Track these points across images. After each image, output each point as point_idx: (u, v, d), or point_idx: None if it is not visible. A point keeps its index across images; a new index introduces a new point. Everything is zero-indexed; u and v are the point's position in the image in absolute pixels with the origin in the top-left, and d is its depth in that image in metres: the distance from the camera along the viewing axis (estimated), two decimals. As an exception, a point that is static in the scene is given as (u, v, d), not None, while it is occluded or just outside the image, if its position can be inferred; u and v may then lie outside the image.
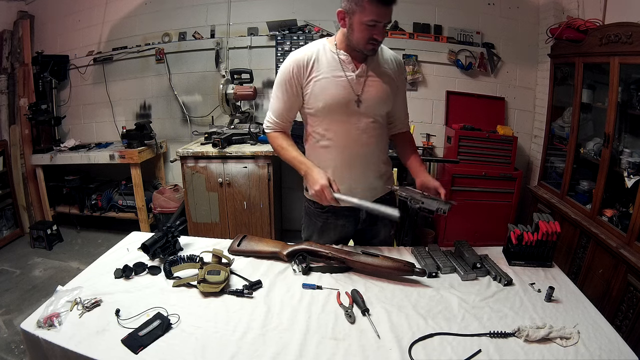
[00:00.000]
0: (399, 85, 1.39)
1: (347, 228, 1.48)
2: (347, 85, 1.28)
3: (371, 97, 1.31)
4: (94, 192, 3.39)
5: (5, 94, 3.33)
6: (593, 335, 0.98)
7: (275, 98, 1.37)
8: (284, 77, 1.31)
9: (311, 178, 1.27)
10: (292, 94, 1.32)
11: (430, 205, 1.15)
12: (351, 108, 1.30)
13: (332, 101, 1.28)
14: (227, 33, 3.22)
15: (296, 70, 1.29)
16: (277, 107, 1.36)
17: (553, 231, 1.27)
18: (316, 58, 1.29)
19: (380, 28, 1.18)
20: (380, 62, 1.33)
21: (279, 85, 1.34)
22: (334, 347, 0.95)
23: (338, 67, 1.28)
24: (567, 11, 2.68)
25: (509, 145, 2.83)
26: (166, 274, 1.23)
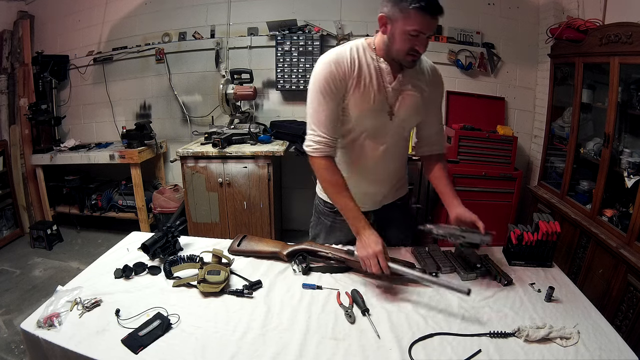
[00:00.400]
0: (434, 99, 1.30)
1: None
2: (383, 96, 1.20)
3: (404, 110, 1.23)
4: (94, 192, 3.39)
5: (5, 94, 3.33)
6: (593, 335, 0.98)
7: (319, 107, 1.18)
8: (328, 80, 1.15)
9: (364, 240, 1.14)
10: (339, 100, 1.18)
11: (473, 239, 1.09)
12: (383, 120, 1.23)
13: (367, 111, 1.20)
14: (227, 33, 3.22)
15: (341, 73, 1.16)
16: (324, 118, 1.17)
17: (553, 231, 1.27)
18: (358, 62, 1.18)
19: (423, 39, 1.09)
20: (416, 72, 1.24)
21: (323, 90, 1.16)
22: (334, 347, 0.95)
23: (377, 76, 1.19)
24: (567, 11, 2.68)
25: (509, 145, 2.83)
26: (166, 274, 1.23)
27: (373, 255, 1.11)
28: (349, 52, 1.18)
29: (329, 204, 1.42)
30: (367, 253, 1.12)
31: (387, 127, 1.24)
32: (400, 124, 1.26)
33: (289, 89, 3.15)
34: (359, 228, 1.16)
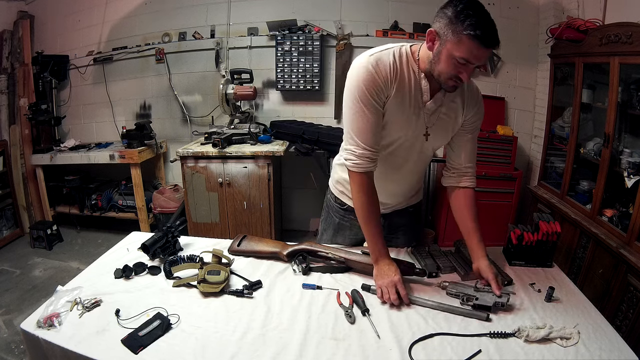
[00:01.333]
0: (471, 124, 1.19)
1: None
2: (421, 114, 1.12)
3: (437, 133, 1.17)
4: (94, 192, 3.39)
5: (5, 94, 3.33)
6: (593, 335, 0.98)
7: (358, 116, 1.07)
8: (369, 87, 1.04)
9: (382, 269, 1.12)
10: (380, 107, 1.08)
11: (486, 302, 1.03)
12: (416, 140, 1.16)
13: (402, 128, 1.12)
14: (227, 33, 3.22)
15: (382, 78, 1.05)
16: (367, 130, 1.07)
17: (553, 231, 1.27)
18: (400, 71, 1.07)
19: (470, 68, 1.01)
20: (454, 95, 1.15)
21: (362, 98, 1.05)
22: (334, 347, 0.95)
23: (417, 91, 1.10)
24: (567, 11, 2.68)
25: (509, 145, 2.83)
26: (166, 274, 1.23)
27: (392, 285, 1.08)
28: (392, 56, 1.07)
29: (339, 200, 1.41)
30: (385, 282, 1.09)
31: (417, 146, 1.18)
32: (431, 145, 1.21)
33: (289, 89, 3.15)
34: (379, 257, 1.14)
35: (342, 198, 1.40)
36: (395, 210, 1.40)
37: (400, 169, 1.24)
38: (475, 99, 1.19)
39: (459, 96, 1.17)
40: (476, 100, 1.19)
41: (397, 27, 3.07)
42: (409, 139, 1.16)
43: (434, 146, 1.24)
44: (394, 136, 1.15)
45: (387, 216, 1.41)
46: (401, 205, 1.40)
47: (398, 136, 1.15)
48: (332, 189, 1.44)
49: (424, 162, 1.30)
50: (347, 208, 1.39)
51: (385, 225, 1.40)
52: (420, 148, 1.20)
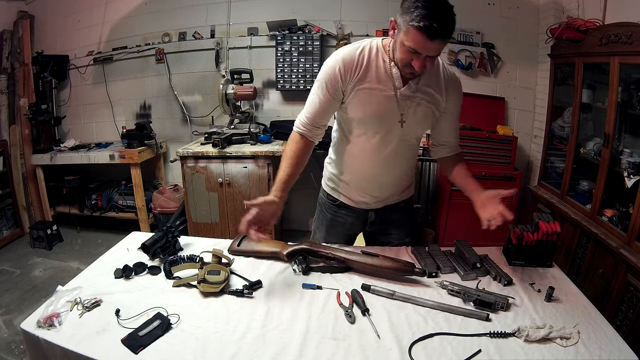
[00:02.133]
0: (451, 108, 1.27)
1: (355, 227, 1.47)
2: (393, 102, 1.18)
3: (414, 118, 1.22)
4: (94, 192, 3.40)
5: (5, 94, 3.34)
6: (593, 335, 0.98)
7: (313, 95, 1.24)
8: (328, 76, 1.18)
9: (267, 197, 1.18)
10: (332, 97, 1.20)
11: (487, 299, 1.06)
12: (392, 126, 1.22)
13: (373, 116, 1.20)
14: (227, 33, 3.22)
15: (343, 72, 1.16)
16: (313, 106, 1.24)
17: (553, 231, 1.27)
18: (367, 63, 1.16)
19: (421, 58, 1.05)
20: (432, 81, 1.21)
21: (320, 82, 1.21)
22: (334, 347, 0.95)
23: (387, 80, 1.17)
24: (567, 11, 2.68)
25: (509, 145, 2.83)
26: (166, 274, 1.23)
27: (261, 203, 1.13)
28: (360, 51, 1.17)
29: (331, 196, 1.44)
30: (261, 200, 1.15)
31: (395, 132, 1.23)
32: (409, 131, 1.24)
33: (289, 89, 3.15)
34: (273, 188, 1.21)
35: (334, 194, 1.43)
36: (387, 205, 1.42)
37: (380, 153, 1.27)
38: (455, 86, 1.25)
39: (437, 84, 1.22)
40: (455, 87, 1.26)
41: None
42: (383, 123, 1.21)
43: (416, 133, 1.28)
44: (366, 121, 1.22)
45: (379, 211, 1.43)
46: (392, 200, 1.42)
47: (371, 120, 1.21)
48: (324, 186, 1.48)
49: (408, 150, 1.32)
50: (339, 204, 1.43)
51: (377, 221, 1.44)
52: (399, 134, 1.24)
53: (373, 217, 1.44)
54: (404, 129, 1.22)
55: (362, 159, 1.29)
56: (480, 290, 1.13)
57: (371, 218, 1.45)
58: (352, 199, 1.41)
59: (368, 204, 1.41)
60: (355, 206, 1.42)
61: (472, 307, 1.08)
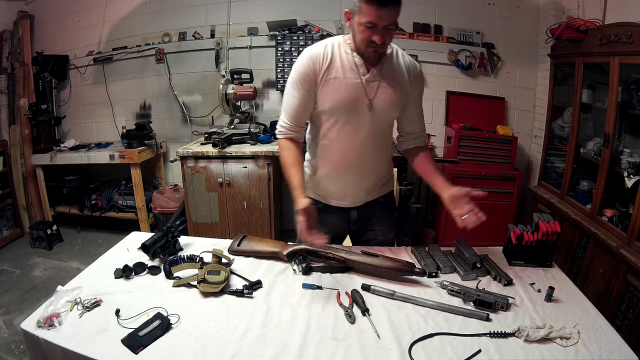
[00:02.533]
0: (412, 93, 1.32)
1: (339, 226, 1.47)
2: (360, 88, 1.24)
3: (382, 102, 1.26)
4: (94, 192, 3.39)
5: (5, 94, 3.33)
6: (593, 335, 0.98)
7: (290, 97, 1.29)
8: (300, 74, 1.25)
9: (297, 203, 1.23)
10: (308, 92, 1.27)
11: (488, 299, 1.06)
12: (361, 112, 1.26)
13: (343, 103, 1.24)
14: (227, 33, 3.22)
15: (312, 67, 1.24)
16: (291, 107, 1.30)
17: (553, 231, 1.27)
18: (332, 56, 1.24)
19: (379, 31, 1.12)
20: (394, 67, 1.28)
21: (295, 82, 1.28)
22: (334, 347, 0.95)
23: (352, 69, 1.24)
24: (567, 11, 2.68)
25: (509, 145, 2.83)
26: (166, 274, 1.23)
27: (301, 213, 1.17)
28: (324, 48, 1.25)
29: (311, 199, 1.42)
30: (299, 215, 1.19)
31: (365, 117, 1.27)
32: (379, 116, 1.28)
33: (289, 89, 3.15)
34: (296, 196, 1.24)
35: (314, 197, 1.43)
36: (367, 201, 1.43)
37: (353, 140, 1.30)
38: (416, 73, 1.32)
39: (399, 69, 1.28)
40: (417, 74, 1.32)
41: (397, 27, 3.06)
42: (352, 109, 1.26)
43: (386, 118, 1.31)
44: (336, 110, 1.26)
45: (360, 209, 1.44)
46: (373, 195, 1.43)
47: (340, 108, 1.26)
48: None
49: (381, 136, 1.34)
50: (320, 207, 1.41)
51: (359, 219, 1.46)
52: (369, 119, 1.27)
53: (355, 215, 1.45)
54: (372, 113, 1.27)
55: (336, 149, 1.32)
56: (480, 290, 1.13)
57: (354, 217, 1.45)
58: (333, 197, 1.42)
59: (349, 199, 1.41)
60: (337, 205, 1.42)
61: (472, 307, 1.08)
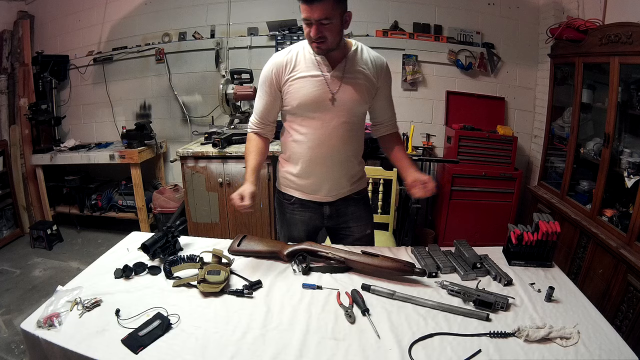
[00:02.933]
0: (380, 86, 1.39)
1: (314, 222, 1.51)
2: (323, 84, 1.31)
3: (346, 96, 1.32)
4: (94, 192, 3.39)
5: (5, 94, 3.33)
6: (593, 335, 0.98)
7: (257, 99, 1.44)
8: (265, 79, 1.38)
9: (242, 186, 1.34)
10: (272, 95, 1.38)
11: (488, 299, 1.07)
12: (325, 106, 1.33)
13: (307, 99, 1.32)
14: (227, 33, 3.22)
15: (275, 72, 1.35)
16: (258, 107, 1.44)
17: (553, 231, 1.27)
18: (295, 59, 1.34)
19: (315, 26, 1.20)
20: (358, 62, 1.34)
21: (260, 86, 1.41)
22: (334, 347, 0.95)
23: (315, 67, 1.32)
24: (567, 11, 2.68)
25: (509, 145, 2.83)
26: (166, 274, 1.23)
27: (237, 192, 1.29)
28: (288, 53, 1.36)
29: (286, 195, 1.50)
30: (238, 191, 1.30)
31: (329, 111, 1.33)
32: (343, 110, 1.33)
33: (289, 89, 3.15)
34: (245, 179, 1.36)
35: (289, 192, 1.49)
36: (340, 198, 1.47)
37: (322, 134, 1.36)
38: (383, 67, 1.38)
39: (366, 63, 1.35)
40: (383, 67, 1.39)
41: (397, 27, 3.07)
42: (317, 104, 1.33)
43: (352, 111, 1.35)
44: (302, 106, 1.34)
45: (333, 205, 1.47)
46: (343, 192, 1.46)
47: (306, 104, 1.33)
48: (279, 187, 1.55)
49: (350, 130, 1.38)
50: (294, 201, 1.49)
51: (333, 214, 1.49)
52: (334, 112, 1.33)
53: (328, 211, 1.48)
54: (336, 107, 1.33)
55: (305, 144, 1.38)
56: (480, 290, 1.13)
57: (326, 212, 1.49)
58: (306, 191, 1.45)
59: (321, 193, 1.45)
60: (310, 199, 1.46)
61: (472, 307, 1.08)
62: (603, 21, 2.27)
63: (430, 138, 3.19)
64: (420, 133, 3.16)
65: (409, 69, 3.07)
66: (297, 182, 1.45)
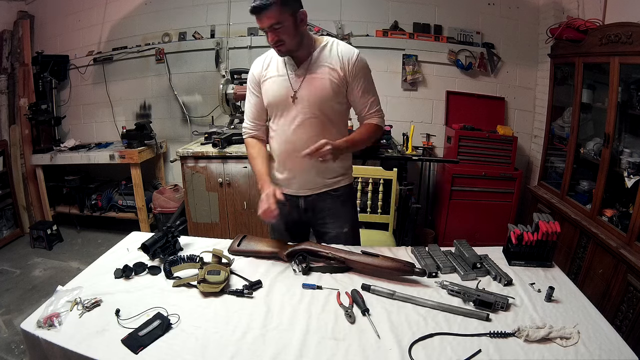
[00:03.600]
0: (351, 79, 1.37)
1: (292, 214, 1.52)
2: (287, 83, 1.37)
3: (307, 93, 1.36)
4: (94, 192, 3.39)
5: (5, 94, 3.33)
6: (593, 335, 0.98)
7: (247, 102, 1.51)
8: (250, 80, 1.46)
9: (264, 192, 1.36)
10: (257, 95, 1.46)
11: (488, 299, 1.08)
12: (288, 104, 1.38)
13: (274, 98, 1.40)
14: (227, 33, 3.22)
15: (256, 74, 1.44)
16: (249, 109, 1.51)
17: (553, 231, 1.27)
18: (270, 61, 1.42)
19: (269, 33, 1.26)
20: (323, 59, 1.36)
21: (248, 88, 1.49)
22: (334, 347, 0.95)
23: (283, 68, 1.39)
24: (567, 11, 2.68)
25: (509, 145, 2.83)
26: (166, 274, 1.23)
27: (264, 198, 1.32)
28: (265, 57, 1.44)
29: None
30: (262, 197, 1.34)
31: (293, 108, 1.38)
32: (306, 106, 1.37)
33: (289, 89, 3.15)
34: (262, 185, 1.39)
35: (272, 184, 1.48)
36: (315, 193, 1.49)
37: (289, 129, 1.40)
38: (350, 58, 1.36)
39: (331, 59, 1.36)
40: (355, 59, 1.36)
41: (397, 27, 3.07)
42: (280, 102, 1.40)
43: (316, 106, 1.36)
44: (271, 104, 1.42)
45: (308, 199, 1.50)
46: (318, 187, 1.48)
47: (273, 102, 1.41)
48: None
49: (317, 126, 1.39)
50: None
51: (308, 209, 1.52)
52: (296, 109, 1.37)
53: (303, 204, 1.51)
54: (297, 104, 1.37)
55: (276, 139, 1.46)
56: (480, 290, 1.13)
57: (302, 205, 1.51)
58: (282, 184, 1.48)
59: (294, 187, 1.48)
60: (286, 192, 1.47)
61: (472, 307, 1.08)
62: (603, 21, 2.27)
63: (430, 138, 3.19)
64: (420, 133, 3.16)
65: (409, 69, 3.07)
66: (277, 177, 1.51)
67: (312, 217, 1.54)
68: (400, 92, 3.14)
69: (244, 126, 1.53)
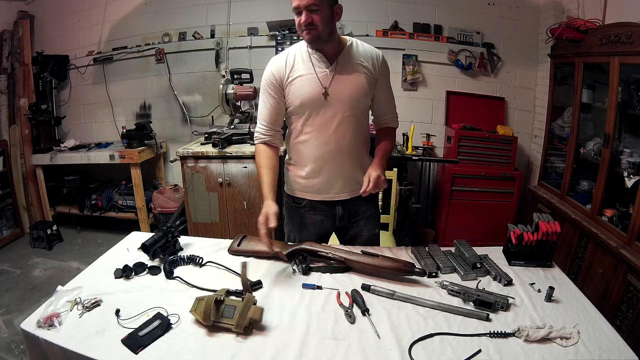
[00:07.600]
0: (379, 78, 1.38)
1: (326, 224, 1.50)
2: (316, 80, 1.33)
3: (340, 90, 1.33)
4: (94, 192, 3.39)
5: (5, 94, 3.34)
6: (593, 335, 0.98)
7: (262, 105, 1.42)
8: (266, 82, 1.38)
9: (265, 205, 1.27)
10: (276, 97, 1.37)
11: (488, 299, 1.07)
12: (320, 103, 1.33)
13: (305, 97, 1.33)
14: (227, 33, 3.22)
15: (276, 74, 1.35)
16: (264, 112, 1.41)
17: (553, 231, 1.27)
18: (293, 60, 1.35)
19: (304, 13, 1.24)
20: (354, 57, 1.35)
21: (263, 90, 1.40)
22: (334, 347, 0.95)
23: (312, 65, 1.34)
24: (567, 11, 2.68)
25: (509, 145, 2.83)
26: (166, 274, 1.23)
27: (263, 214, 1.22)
28: (286, 56, 1.37)
29: (297, 199, 1.49)
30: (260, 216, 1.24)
31: (328, 107, 1.34)
32: (341, 104, 1.33)
33: (289, 89, 3.15)
34: (264, 197, 1.30)
35: (299, 195, 1.48)
36: (353, 197, 1.45)
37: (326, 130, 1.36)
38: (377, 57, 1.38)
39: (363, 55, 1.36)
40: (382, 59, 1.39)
41: (397, 27, 3.07)
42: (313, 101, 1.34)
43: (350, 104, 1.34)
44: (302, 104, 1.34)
45: (345, 204, 1.47)
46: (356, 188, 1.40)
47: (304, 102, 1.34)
48: (288, 191, 1.52)
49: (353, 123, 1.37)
50: (305, 205, 1.48)
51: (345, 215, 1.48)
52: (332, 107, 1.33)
53: (340, 211, 1.47)
54: (330, 103, 1.33)
55: (312, 142, 1.38)
56: (480, 290, 1.13)
57: (339, 213, 1.47)
58: (318, 192, 1.44)
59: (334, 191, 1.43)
60: (322, 199, 1.45)
61: (472, 307, 1.08)
62: (603, 21, 2.27)
63: (430, 138, 3.19)
64: (420, 133, 3.16)
65: (409, 69, 3.07)
66: (307, 184, 1.44)
67: (347, 222, 1.50)
68: (400, 92, 3.14)
69: (257, 130, 1.44)
